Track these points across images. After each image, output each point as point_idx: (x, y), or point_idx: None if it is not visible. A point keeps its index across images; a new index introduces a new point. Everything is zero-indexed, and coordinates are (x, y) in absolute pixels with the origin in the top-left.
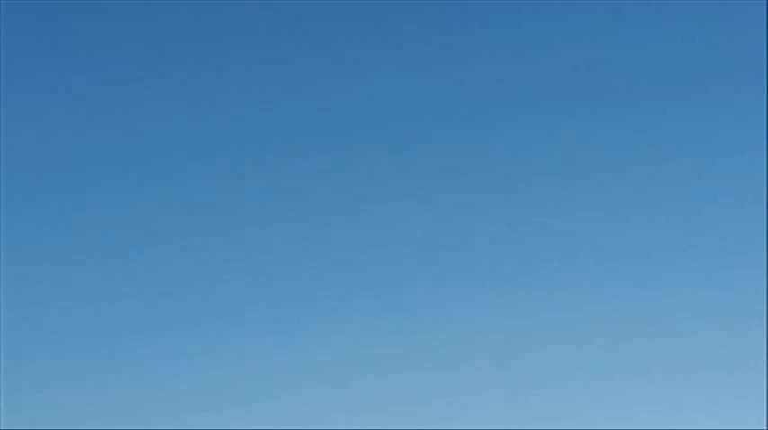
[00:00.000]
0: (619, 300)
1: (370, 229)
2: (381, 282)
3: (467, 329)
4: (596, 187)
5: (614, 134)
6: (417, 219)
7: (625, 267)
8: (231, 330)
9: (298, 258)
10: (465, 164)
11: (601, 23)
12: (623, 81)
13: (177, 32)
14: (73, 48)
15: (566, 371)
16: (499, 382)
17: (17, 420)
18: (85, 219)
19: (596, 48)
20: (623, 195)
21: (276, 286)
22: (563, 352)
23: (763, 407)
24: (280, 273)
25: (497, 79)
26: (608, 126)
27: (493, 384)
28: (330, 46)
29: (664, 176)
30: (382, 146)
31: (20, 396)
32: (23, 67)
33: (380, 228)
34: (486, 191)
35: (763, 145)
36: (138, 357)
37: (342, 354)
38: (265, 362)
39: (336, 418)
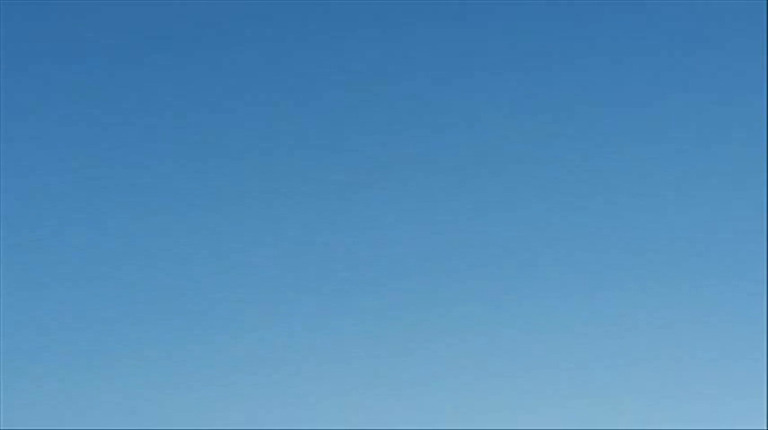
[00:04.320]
0: (619, 301)
1: (371, 230)
2: (382, 282)
3: (468, 330)
4: (596, 187)
5: (614, 134)
6: (420, 219)
7: (625, 267)
8: (232, 330)
9: (299, 259)
10: (468, 164)
11: (601, 23)
12: (623, 81)
13: (180, 31)
14: (72, 46)
15: (566, 370)
16: (500, 383)
17: (17, 420)
18: (85, 217)
19: (596, 48)
20: (623, 196)
21: (278, 287)
22: (563, 352)
23: (763, 407)
24: (281, 273)
25: (501, 80)
26: (608, 126)
27: (494, 385)
28: (333, 47)
29: (664, 176)
30: (383, 147)
31: (20, 396)
32: (24, 66)
33: (383, 229)
34: (488, 192)
35: (764, 145)
36: (138, 357)
37: (342, 355)
38: (266, 363)
39: (337, 418)
